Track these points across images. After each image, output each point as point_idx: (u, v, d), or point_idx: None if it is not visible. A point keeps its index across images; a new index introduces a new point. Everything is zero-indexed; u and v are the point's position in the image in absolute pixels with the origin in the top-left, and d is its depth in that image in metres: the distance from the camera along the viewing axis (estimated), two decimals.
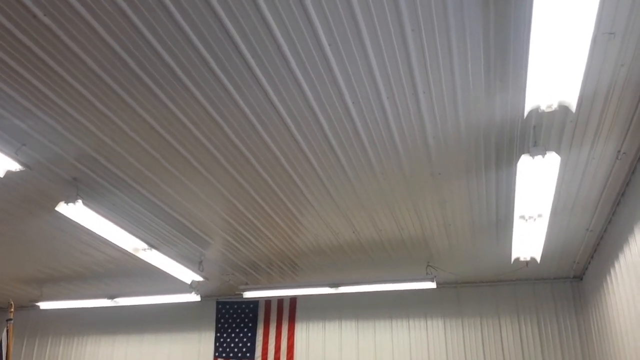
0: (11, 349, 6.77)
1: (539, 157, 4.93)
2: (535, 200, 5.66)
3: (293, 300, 10.36)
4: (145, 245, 7.28)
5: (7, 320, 6.97)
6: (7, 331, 6.81)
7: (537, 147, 5.00)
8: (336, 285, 8.81)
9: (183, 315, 10.77)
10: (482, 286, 9.62)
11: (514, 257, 7.50)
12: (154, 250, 7.44)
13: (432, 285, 8.56)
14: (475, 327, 9.39)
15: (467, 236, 7.57)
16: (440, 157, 5.58)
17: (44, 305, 10.11)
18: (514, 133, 5.17)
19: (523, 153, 4.95)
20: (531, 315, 9.23)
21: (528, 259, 7.47)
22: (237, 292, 9.23)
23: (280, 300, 10.40)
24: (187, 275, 8.52)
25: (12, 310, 7.01)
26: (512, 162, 5.58)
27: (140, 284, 9.78)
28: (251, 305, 10.50)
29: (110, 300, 9.76)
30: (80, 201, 5.99)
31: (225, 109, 4.95)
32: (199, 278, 8.62)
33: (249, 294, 9.21)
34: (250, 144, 5.57)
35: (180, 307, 10.74)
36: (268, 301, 10.46)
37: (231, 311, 10.54)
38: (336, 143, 5.45)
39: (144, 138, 5.39)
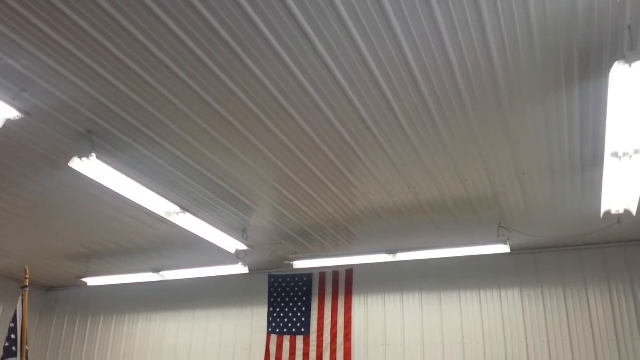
0: (27, 317, 6.28)
1: (638, 63, 3.79)
2: (633, 127, 4.48)
3: (349, 271, 9.49)
4: (177, 209, 6.59)
5: (21, 288, 6.48)
6: (22, 300, 6.33)
7: (634, 51, 3.85)
8: (394, 252, 7.86)
9: (234, 290, 10.14)
10: (564, 251, 8.37)
11: (603, 210, 6.29)
12: (188, 214, 6.75)
13: (505, 249, 7.44)
14: (558, 298, 8.18)
15: (545, 187, 6.40)
16: (509, 78, 4.49)
17: (91, 281, 9.75)
18: (603, 35, 4.03)
19: (616, 60, 3.82)
20: (624, 283, 7.92)
21: (621, 211, 6.24)
22: (286, 262, 8.46)
23: (336, 272, 9.55)
24: (231, 244, 7.82)
25: (27, 276, 6.51)
26: (600, 76, 4.42)
27: (185, 256, 9.18)
28: (305, 278, 9.71)
29: (156, 274, 9.24)
30: (94, 155, 5.34)
31: (270, 67, 4.45)
32: (243, 247, 7.90)
33: (299, 264, 8.42)
34: (296, 101, 4.94)
35: (231, 281, 10.11)
36: (322, 273, 9.64)
37: (284, 284, 9.80)
38: (387, 86, 4.63)
39: (173, 92, 4.84)
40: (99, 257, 9.47)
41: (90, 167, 5.40)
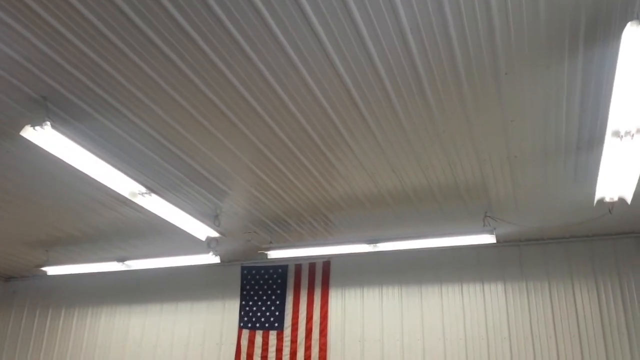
0: None
1: None
2: None
3: (326, 263, 9.06)
4: (143, 189, 6.08)
5: None
6: None
7: None
8: (374, 242, 7.45)
9: (205, 282, 9.64)
10: (550, 243, 8.07)
11: (597, 197, 5.97)
12: (154, 196, 6.24)
13: (491, 239, 7.09)
14: (543, 292, 7.87)
15: (537, 172, 6.06)
16: (508, 45, 4.11)
17: (51, 270, 9.14)
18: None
19: (626, 23, 3.46)
20: (612, 278, 7.65)
21: (615, 199, 5.93)
22: (260, 252, 7.99)
23: (312, 264, 9.12)
24: (201, 230, 7.32)
25: None
26: (607, 43, 4.05)
27: (152, 244, 8.65)
28: (280, 270, 9.25)
29: (120, 264, 8.68)
30: (48, 124, 4.80)
31: (255, 35, 4.04)
32: (214, 234, 7.41)
33: (274, 254, 7.95)
34: (278, 72, 4.52)
35: (201, 273, 9.62)
36: (298, 265, 9.20)
37: (257, 277, 9.33)
38: (376, 52, 4.25)
39: (142, 57, 4.34)
40: (60, 245, 8.86)
41: (44, 137, 4.86)
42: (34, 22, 3.99)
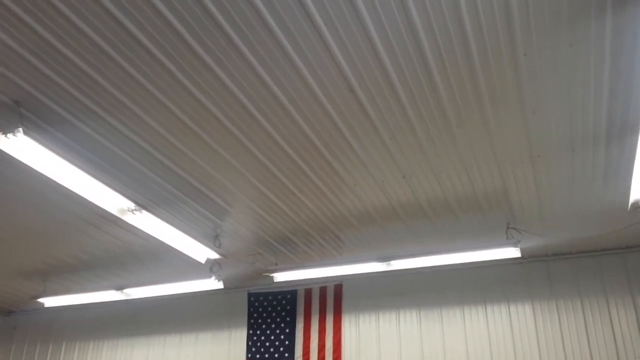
0: None
1: None
2: None
3: (338, 286, 8.47)
4: (132, 205, 5.61)
5: None
6: None
7: None
8: (387, 260, 6.86)
9: (210, 311, 9.08)
10: (579, 258, 7.41)
11: (632, 199, 5.37)
12: (145, 213, 5.76)
13: (515, 253, 6.47)
14: (575, 311, 7.17)
15: (563, 172, 5.46)
16: (526, 21, 3.60)
17: (48, 301, 8.67)
18: None
19: None
20: None
21: None
22: (265, 274, 7.44)
23: (323, 288, 8.53)
24: (200, 252, 6.81)
25: None
26: None
27: (151, 270, 8.15)
28: (289, 296, 8.67)
29: (119, 292, 8.17)
30: (21, 130, 4.38)
31: (254, 36, 3.73)
32: (215, 255, 6.89)
33: (280, 277, 7.39)
34: (281, 77, 4.15)
35: (205, 301, 9.08)
36: (308, 289, 8.61)
37: (265, 303, 8.75)
38: (383, 47, 3.83)
39: (129, 60, 3.95)
40: (56, 274, 8.41)
41: (17, 145, 4.43)
42: (5, 18, 3.59)
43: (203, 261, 6.97)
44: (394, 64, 4.01)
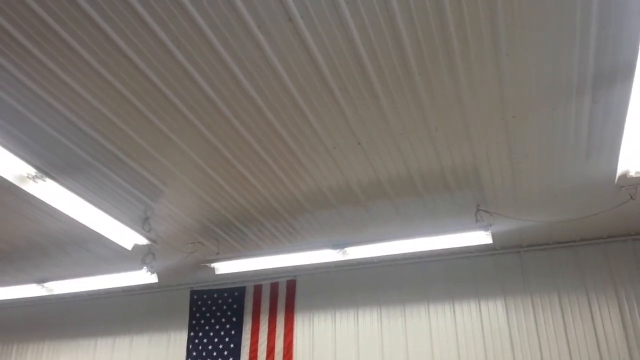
0: None
1: None
2: None
3: (291, 282, 7.58)
4: (33, 171, 4.66)
5: None
6: None
7: None
8: (342, 246, 6.03)
9: (147, 312, 8.10)
10: (557, 249, 6.68)
11: (620, 171, 4.64)
12: (49, 181, 4.82)
13: (486, 238, 5.70)
14: (553, 306, 6.42)
15: (541, 142, 4.71)
16: None
17: None
18: None
19: None
20: (635, 288, 6.23)
21: None
22: (204, 264, 6.52)
23: (275, 284, 7.63)
24: (126, 236, 5.87)
25: None
26: None
27: (78, 264, 7.15)
28: (236, 293, 7.75)
29: (40, 286, 7.15)
30: None
31: None
32: (143, 241, 5.96)
33: (222, 267, 6.49)
34: (226, 34, 3.52)
35: (142, 301, 8.13)
36: (258, 286, 7.71)
37: (209, 302, 7.80)
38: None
39: None
40: None
41: None
42: None
43: (130, 247, 6.03)
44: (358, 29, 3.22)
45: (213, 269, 6.52)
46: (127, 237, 5.91)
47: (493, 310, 6.57)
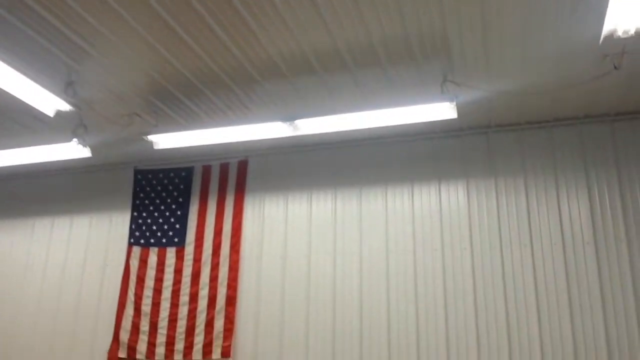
0: None
1: None
2: None
3: (243, 163, 7.03)
4: None
5: None
6: None
7: None
8: (292, 119, 5.42)
9: (88, 192, 7.56)
10: (528, 129, 6.18)
11: (606, 31, 4.02)
12: None
13: (450, 111, 5.13)
14: (517, 190, 6.03)
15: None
16: None
17: None
18: None
19: None
20: (608, 172, 5.83)
21: (631, 32, 4.01)
22: (140, 138, 5.90)
23: (225, 165, 7.08)
24: (43, 99, 5.14)
25: None
26: None
27: (3, 133, 6.45)
28: (183, 174, 7.19)
29: None
30: None
31: None
32: (65, 106, 5.25)
33: (161, 140, 5.86)
34: None
35: (83, 180, 7.56)
36: (207, 166, 7.15)
37: (154, 182, 7.25)
38: None
39: None
40: None
41: None
42: None
43: (51, 114, 5.32)
44: None
45: (151, 142, 5.89)
46: (49, 102, 5.19)
47: (454, 193, 6.16)
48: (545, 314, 5.53)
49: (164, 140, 5.85)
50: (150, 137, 5.79)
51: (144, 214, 7.12)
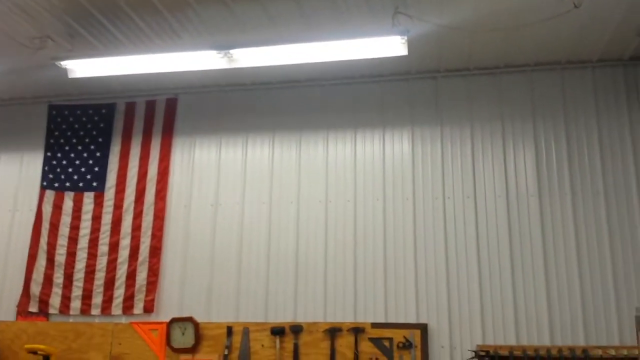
0: None
1: None
2: None
3: (172, 101, 6.41)
4: None
5: None
6: None
7: None
8: (226, 48, 4.86)
9: None
10: (477, 75, 5.89)
11: None
12: None
13: (400, 48, 4.72)
14: (463, 139, 5.76)
15: None
16: None
17: None
18: None
19: None
20: (556, 120, 5.64)
21: None
22: (54, 63, 5.17)
23: (151, 102, 6.44)
24: None
25: None
26: None
27: None
28: (103, 111, 6.50)
29: None
30: None
31: None
32: None
33: (77, 67, 5.17)
34: None
35: None
36: (131, 104, 6.48)
37: (71, 119, 6.53)
38: None
39: None
40: None
41: None
42: None
43: None
44: None
45: (65, 70, 5.19)
46: None
47: (398, 140, 5.83)
48: (486, 267, 5.35)
49: (81, 67, 5.17)
50: (65, 64, 5.10)
51: (59, 155, 6.40)
